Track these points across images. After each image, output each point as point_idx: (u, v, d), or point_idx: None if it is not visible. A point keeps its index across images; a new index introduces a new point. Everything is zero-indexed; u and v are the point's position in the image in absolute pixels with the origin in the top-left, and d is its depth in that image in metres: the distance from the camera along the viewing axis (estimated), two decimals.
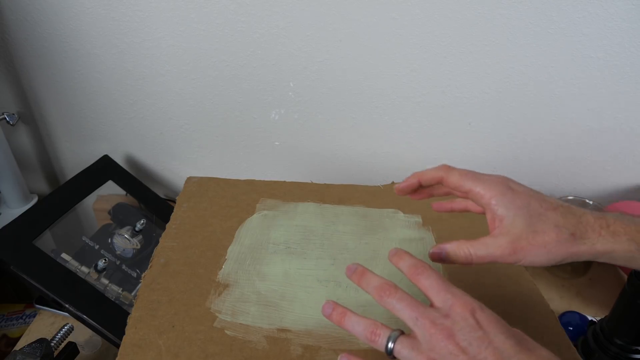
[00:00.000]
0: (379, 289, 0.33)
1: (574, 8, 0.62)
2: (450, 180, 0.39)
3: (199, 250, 0.54)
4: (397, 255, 0.35)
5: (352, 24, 0.66)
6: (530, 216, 0.35)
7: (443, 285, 0.31)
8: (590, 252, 0.35)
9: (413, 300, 0.31)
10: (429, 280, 0.32)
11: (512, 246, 0.34)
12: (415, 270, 0.33)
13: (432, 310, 0.31)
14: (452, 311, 0.30)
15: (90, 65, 0.74)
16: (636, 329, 0.54)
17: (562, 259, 0.35)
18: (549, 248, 0.34)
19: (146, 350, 0.42)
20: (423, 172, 0.41)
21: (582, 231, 0.35)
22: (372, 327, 0.32)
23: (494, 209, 0.36)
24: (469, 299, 0.31)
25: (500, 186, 0.37)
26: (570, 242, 0.34)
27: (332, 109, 0.75)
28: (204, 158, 0.84)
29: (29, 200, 0.81)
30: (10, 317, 0.80)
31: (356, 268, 0.35)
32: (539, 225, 0.35)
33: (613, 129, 0.71)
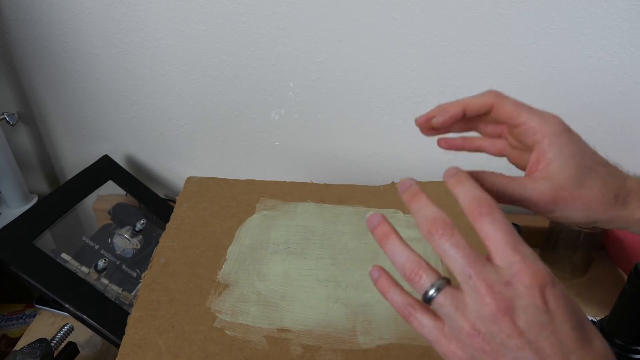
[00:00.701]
0: (432, 224, 0.26)
1: (574, 8, 0.62)
2: (504, 108, 0.33)
3: (199, 250, 0.54)
4: (457, 177, 0.28)
5: (352, 24, 0.66)
6: (581, 167, 0.31)
7: (512, 240, 0.25)
8: (627, 219, 0.32)
9: (471, 251, 0.25)
10: (495, 227, 0.25)
11: (553, 194, 0.30)
12: (478, 208, 0.26)
13: (492, 269, 0.25)
14: (518, 280, 0.24)
15: (90, 65, 0.74)
16: (636, 329, 0.54)
17: (598, 220, 0.32)
18: (590, 205, 0.31)
19: (146, 350, 0.42)
20: (469, 99, 0.34)
21: (625, 195, 0.32)
22: (417, 265, 0.27)
23: (545, 148, 0.31)
24: (540, 268, 0.24)
25: (558, 125, 0.32)
26: (612, 204, 0.32)
27: (332, 109, 0.75)
28: (204, 158, 0.84)
29: (29, 200, 0.81)
30: (10, 317, 0.80)
31: (411, 185, 0.29)
32: (587, 179, 0.31)
33: (613, 129, 0.71)
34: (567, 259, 0.73)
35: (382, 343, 0.44)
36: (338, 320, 0.46)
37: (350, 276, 0.51)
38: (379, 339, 0.44)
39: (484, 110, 0.34)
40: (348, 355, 0.43)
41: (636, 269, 0.52)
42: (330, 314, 0.47)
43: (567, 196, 0.31)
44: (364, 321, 0.46)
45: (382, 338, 0.44)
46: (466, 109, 0.34)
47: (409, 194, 0.29)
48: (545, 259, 0.77)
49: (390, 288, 0.28)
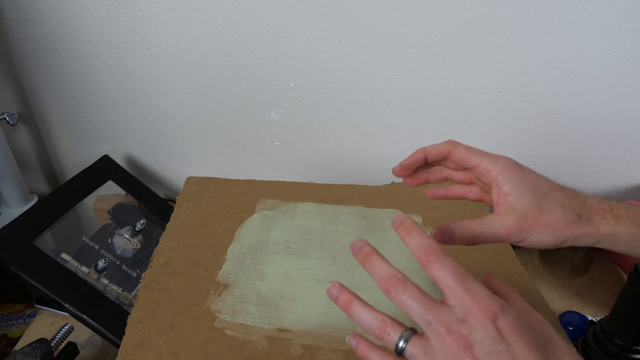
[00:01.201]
0: (386, 281, 0.29)
1: (574, 8, 0.62)
2: (457, 154, 0.37)
3: (199, 250, 0.54)
4: (404, 227, 0.30)
5: (352, 24, 0.66)
6: (538, 195, 0.34)
7: (460, 280, 0.27)
8: (594, 234, 0.34)
9: (425, 298, 0.28)
10: (443, 271, 0.28)
11: (518, 225, 0.33)
12: (426, 256, 0.28)
13: (446, 311, 0.27)
14: (470, 316, 0.26)
15: (90, 65, 0.74)
16: (636, 329, 0.54)
17: (565, 240, 0.34)
18: (555, 228, 0.33)
19: (146, 350, 0.42)
20: (429, 147, 0.39)
21: (587, 213, 0.34)
22: (382, 323, 0.29)
23: (500, 184, 0.35)
24: (489, 301, 0.27)
25: (508, 162, 0.36)
26: (575, 223, 0.33)
27: (332, 109, 0.75)
28: (204, 158, 0.84)
29: (29, 200, 0.81)
30: (10, 317, 0.80)
31: (361, 247, 0.32)
32: (546, 204, 0.34)
33: (613, 129, 0.71)
34: (567, 259, 0.74)
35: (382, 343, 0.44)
36: (338, 320, 0.46)
37: (350, 276, 0.51)
38: None
39: (442, 156, 0.39)
40: (348, 355, 0.43)
41: (636, 269, 0.52)
42: (330, 314, 0.47)
43: (531, 223, 0.33)
44: None
45: None
46: (427, 155, 0.39)
47: (362, 256, 0.31)
48: (545, 259, 0.77)
49: (369, 351, 0.31)
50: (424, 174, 0.41)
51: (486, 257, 0.55)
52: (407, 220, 0.31)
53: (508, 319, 0.26)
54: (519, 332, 0.26)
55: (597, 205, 0.35)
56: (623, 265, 0.75)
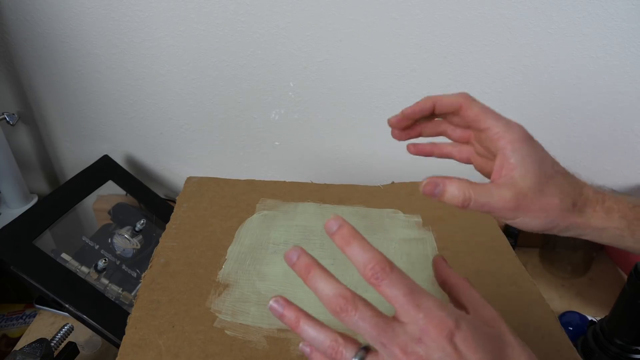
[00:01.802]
0: (334, 302, 0.27)
1: (574, 8, 0.62)
2: (472, 110, 0.35)
3: (199, 250, 0.54)
4: (340, 236, 0.27)
5: (352, 24, 0.66)
6: (542, 175, 0.32)
7: (412, 298, 0.26)
8: (583, 226, 0.33)
9: (377, 319, 0.26)
10: (393, 288, 0.26)
11: (516, 202, 0.31)
12: (373, 274, 0.26)
13: (401, 331, 0.26)
14: (426, 336, 0.25)
15: (90, 65, 0.74)
16: (636, 329, 0.54)
17: (555, 227, 0.33)
18: (549, 212, 0.32)
19: (146, 350, 0.42)
20: (439, 96, 0.35)
21: (582, 203, 0.33)
22: (334, 343, 0.27)
23: (508, 155, 0.32)
24: (443, 317, 0.26)
25: (522, 133, 0.34)
26: (569, 212, 0.33)
27: (332, 109, 0.75)
28: (204, 158, 0.84)
29: (29, 200, 0.81)
30: (10, 317, 0.80)
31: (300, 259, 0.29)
32: (547, 187, 0.32)
33: (613, 129, 0.71)
34: (567, 259, 0.74)
35: None
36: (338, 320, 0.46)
37: (350, 276, 0.51)
38: None
39: (453, 109, 0.35)
40: None
41: (636, 269, 0.52)
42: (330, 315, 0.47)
43: (528, 203, 0.32)
44: None
45: None
46: (436, 104, 0.36)
47: (304, 270, 0.29)
48: (545, 259, 0.77)
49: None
50: (419, 126, 0.38)
51: (486, 257, 0.55)
52: (343, 227, 0.27)
53: (464, 333, 0.26)
54: (476, 346, 0.26)
55: (592, 197, 0.34)
56: (623, 265, 0.75)
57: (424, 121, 0.38)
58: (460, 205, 0.32)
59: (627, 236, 0.34)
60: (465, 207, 0.32)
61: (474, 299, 0.31)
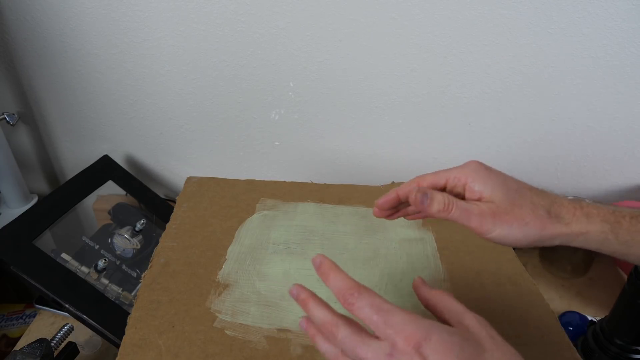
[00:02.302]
0: (322, 328, 0.30)
1: (574, 8, 0.62)
2: (425, 181, 0.39)
3: (199, 250, 0.54)
4: (321, 271, 0.32)
5: (352, 24, 0.66)
6: (507, 190, 0.35)
7: (381, 316, 0.28)
8: (566, 232, 0.34)
9: (356, 336, 0.29)
10: (364, 310, 0.29)
11: (492, 211, 0.34)
12: (344, 299, 0.30)
13: (376, 347, 0.28)
14: (395, 349, 0.27)
15: (90, 65, 0.74)
16: (636, 329, 0.54)
17: (537, 239, 0.34)
18: (526, 221, 0.34)
19: (146, 350, 0.42)
20: (399, 187, 0.40)
21: (557, 211, 0.35)
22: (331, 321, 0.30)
23: (471, 185, 0.36)
24: (411, 330, 0.27)
25: (474, 165, 0.37)
26: (546, 219, 0.34)
27: (332, 109, 0.75)
28: (204, 158, 0.84)
29: (29, 200, 0.81)
30: (10, 317, 0.80)
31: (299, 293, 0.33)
32: (517, 198, 0.35)
33: (613, 129, 0.71)
34: (567, 259, 0.74)
35: None
36: None
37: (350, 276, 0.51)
38: None
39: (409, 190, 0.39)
40: None
41: (636, 269, 0.52)
42: None
43: (502, 213, 0.34)
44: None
45: None
46: (399, 194, 0.40)
47: (302, 303, 0.32)
48: (545, 259, 0.77)
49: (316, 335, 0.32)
50: (403, 209, 0.43)
51: (486, 257, 0.55)
52: (323, 263, 0.32)
53: (433, 344, 0.27)
54: (445, 356, 0.27)
55: (567, 204, 0.35)
56: (623, 265, 0.75)
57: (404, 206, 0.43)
58: (443, 214, 0.35)
59: (612, 239, 0.34)
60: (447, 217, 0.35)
61: (454, 310, 0.32)
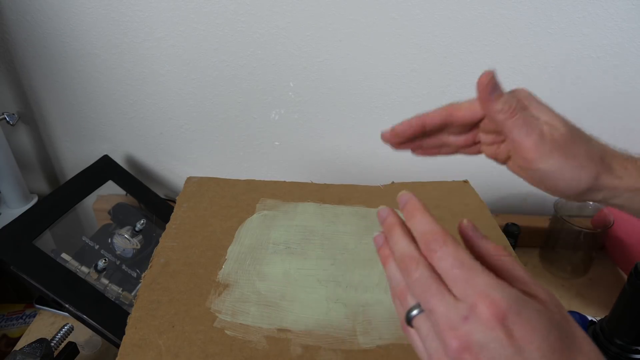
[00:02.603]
0: (400, 260, 0.27)
1: (574, 8, 0.62)
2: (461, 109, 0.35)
3: (199, 250, 0.54)
4: (407, 210, 0.28)
5: (352, 24, 0.66)
6: (566, 122, 0.32)
7: (463, 272, 0.24)
8: (616, 185, 0.32)
9: (433, 284, 0.25)
10: (445, 261, 0.25)
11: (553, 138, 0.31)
12: (426, 244, 0.26)
13: (452, 303, 0.24)
14: (474, 313, 0.23)
15: (90, 65, 0.74)
16: (636, 329, 0.54)
17: (588, 186, 0.31)
18: (582, 164, 0.31)
19: (146, 350, 0.42)
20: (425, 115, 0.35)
21: (610, 158, 0.32)
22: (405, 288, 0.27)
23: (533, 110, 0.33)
24: (497, 298, 0.23)
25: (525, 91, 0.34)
26: (599, 165, 0.31)
27: (332, 109, 0.75)
28: (204, 158, 0.84)
29: (29, 200, 0.81)
30: (10, 317, 0.80)
31: (386, 217, 0.29)
32: (576, 136, 0.32)
33: (613, 129, 0.71)
34: (567, 259, 0.73)
35: (382, 343, 0.44)
36: (338, 320, 0.46)
37: (350, 276, 0.51)
38: (379, 339, 0.44)
39: (442, 122, 0.36)
40: (348, 356, 0.43)
41: (636, 269, 0.52)
42: (330, 314, 0.47)
43: (562, 145, 0.31)
44: (364, 321, 0.46)
45: (382, 338, 0.44)
46: (425, 124, 0.35)
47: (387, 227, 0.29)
48: (545, 259, 0.77)
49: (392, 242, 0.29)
50: (417, 141, 0.37)
51: None
52: (410, 201, 0.28)
53: (521, 318, 0.22)
54: (533, 334, 0.22)
55: (619, 156, 0.33)
56: (623, 265, 0.75)
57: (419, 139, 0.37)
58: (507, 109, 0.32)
59: None
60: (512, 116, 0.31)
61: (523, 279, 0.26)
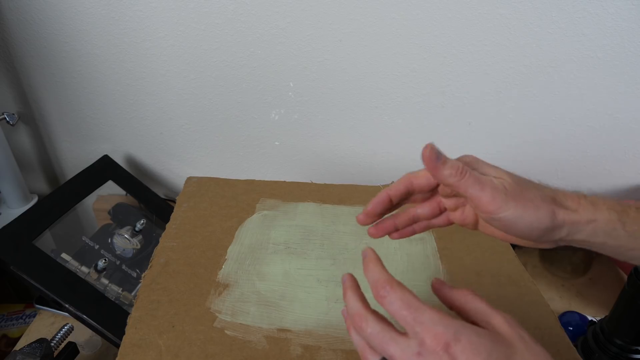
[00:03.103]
0: (352, 320, 0.30)
1: (574, 8, 0.62)
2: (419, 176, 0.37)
3: (199, 250, 0.54)
4: (365, 262, 0.32)
5: (352, 24, 0.66)
6: (513, 175, 0.34)
7: (410, 313, 0.27)
8: (575, 220, 0.33)
9: (385, 335, 0.28)
10: (394, 305, 0.28)
11: (506, 190, 0.32)
12: (376, 291, 0.29)
13: (405, 344, 0.27)
14: (423, 348, 0.26)
15: (90, 65, 0.74)
16: (636, 329, 0.54)
17: (548, 226, 0.32)
18: (536, 203, 0.32)
19: (146, 350, 0.42)
20: (388, 188, 0.37)
21: (562, 199, 0.34)
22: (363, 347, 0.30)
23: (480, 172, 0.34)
24: (440, 329, 0.26)
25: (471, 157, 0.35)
26: (553, 204, 0.33)
27: (332, 109, 0.75)
28: (204, 158, 0.84)
29: (29, 200, 0.81)
30: (10, 317, 0.80)
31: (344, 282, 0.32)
32: (524, 184, 0.33)
33: (613, 129, 0.71)
34: (567, 259, 0.74)
35: None
36: (338, 320, 0.46)
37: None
38: None
39: (405, 190, 0.37)
40: (348, 356, 0.43)
41: (636, 269, 0.52)
42: (330, 314, 0.47)
43: (514, 194, 0.32)
44: None
45: None
46: (390, 194, 0.37)
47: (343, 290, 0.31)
48: (545, 259, 0.77)
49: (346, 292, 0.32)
50: (391, 219, 0.39)
51: (486, 257, 0.55)
52: (368, 255, 0.32)
53: (462, 345, 0.26)
54: (473, 356, 0.26)
55: (570, 194, 0.34)
56: (623, 265, 0.75)
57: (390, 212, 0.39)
58: (455, 173, 0.32)
59: (620, 229, 0.33)
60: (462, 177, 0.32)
61: (481, 310, 0.30)
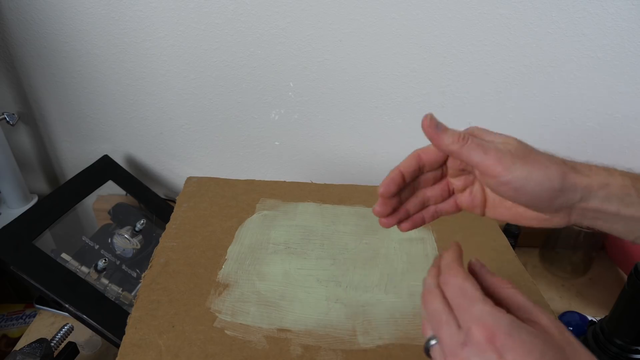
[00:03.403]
0: (424, 294, 0.31)
1: (574, 8, 0.62)
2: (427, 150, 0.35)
3: (199, 250, 0.54)
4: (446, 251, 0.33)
5: (352, 24, 0.66)
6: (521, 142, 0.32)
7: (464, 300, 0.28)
8: (587, 183, 0.31)
9: (443, 317, 0.28)
10: (451, 291, 0.29)
11: (511, 152, 0.31)
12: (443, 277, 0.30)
13: (454, 331, 0.27)
14: (470, 339, 0.26)
15: (90, 65, 0.74)
16: (636, 329, 0.54)
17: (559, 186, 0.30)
18: (545, 165, 0.30)
19: (146, 350, 0.42)
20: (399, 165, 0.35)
21: (573, 164, 0.32)
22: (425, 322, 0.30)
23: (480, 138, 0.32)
24: (488, 320, 0.26)
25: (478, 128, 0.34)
26: (563, 165, 0.31)
27: (332, 109, 0.75)
28: (204, 158, 0.84)
29: (29, 200, 0.81)
30: (10, 317, 0.80)
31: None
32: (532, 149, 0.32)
33: (613, 129, 0.71)
34: (567, 259, 0.74)
35: (382, 343, 0.44)
36: (338, 320, 0.46)
37: (350, 276, 0.51)
38: (379, 339, 0.44)
39: (417, 166, 0.35)
40: (348, 355, 0.43)
41: (636, 269, 0.52)
42: (330, 314, 0.47)
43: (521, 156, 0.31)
44: (364, 321, 0.46)
45: (382, 338, 0.44)
46: (401, 170, 0.35)
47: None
48: (545, 259, 0.77)
49: None
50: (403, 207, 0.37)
51: (486, 257, 0.55)
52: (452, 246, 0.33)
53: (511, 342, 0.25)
54: (522, 351, 0.25)
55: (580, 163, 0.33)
56: (623, 265, 0.75)
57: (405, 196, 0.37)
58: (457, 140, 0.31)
59: (634, 195, 0.31)
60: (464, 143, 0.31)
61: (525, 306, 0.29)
